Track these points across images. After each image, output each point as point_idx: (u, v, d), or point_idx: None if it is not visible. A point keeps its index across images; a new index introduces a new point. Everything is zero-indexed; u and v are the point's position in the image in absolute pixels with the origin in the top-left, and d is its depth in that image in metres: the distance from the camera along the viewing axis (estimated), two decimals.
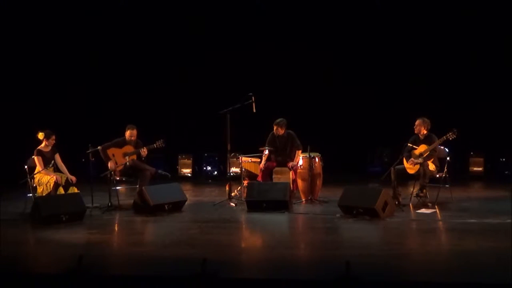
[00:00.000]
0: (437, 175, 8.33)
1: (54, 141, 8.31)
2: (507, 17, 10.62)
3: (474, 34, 11.01)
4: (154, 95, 11.77)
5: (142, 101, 11.66)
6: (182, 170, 11.87)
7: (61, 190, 8.07)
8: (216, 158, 11.91)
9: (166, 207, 8.03)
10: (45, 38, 11.44)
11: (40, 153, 8.19)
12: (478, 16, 10.89)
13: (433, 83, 11.29)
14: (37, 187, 8.10)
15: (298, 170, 8.71)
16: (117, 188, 8.76)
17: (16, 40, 11.27)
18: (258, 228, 7.44)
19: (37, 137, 8.28)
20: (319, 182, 8.74)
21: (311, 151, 8.59)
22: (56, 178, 8.02)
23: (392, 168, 8.25)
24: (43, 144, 8.27)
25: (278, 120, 8.87)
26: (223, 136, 8.72)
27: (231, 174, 9.44)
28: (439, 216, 7.64)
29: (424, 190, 8.13)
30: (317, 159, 8.71)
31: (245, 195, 8.49)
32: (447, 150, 8.51)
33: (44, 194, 7.96)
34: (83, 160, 8.79)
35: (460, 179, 10.10)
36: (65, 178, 8.14)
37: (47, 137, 8.25)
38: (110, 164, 8.45)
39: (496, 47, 10.96)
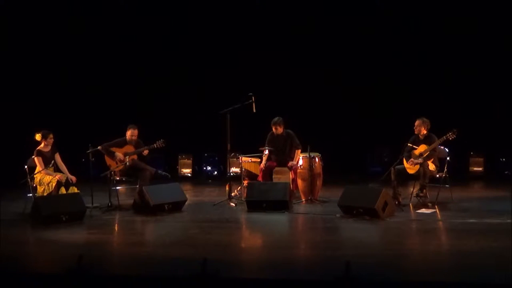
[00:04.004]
0: (437, 175, 8.33)
1: (52, 140, 8.30)
2: (507, 16, 10.61)
3: (474, 33, 10.99)
4: (154, 95, 11.77)
5: (142, 101, 11.66)
6: (182, 170, 11.86)
7: (63, 190, 8.07)
8: (216, 158, 11.91)
9: (166, 207, 8.03)
10: (45, 37, 11.43)
11: (40, 154, 8.19)
12: (477, 15, 10.88)
13: (433, 83, 11.28)
14: (38, 187, 8.10)
15: (298, 170, 8.71)
16: (117, 188, 8.76)
17: (16, 40, 11.27)
18: (258, 228, 7.44)
19: (35, 138, 8.26)
20: (319, 182, 8.74)
21: (311, 151, 8.59)
22: (59, 177, 8.01)
23: (392, 168, 8.25)
24: (42, 145, 8.26)
25: (275, 120, 8.86)
26: (223, 136, 8.72)
27: (231, 174, 9.43)
28: (439, 216, 7.64)
29: (424, 190, 8.13)
30: (317, 159, 8.71)
31: (245, 195, 8.49)
32: (447, 150, 8.51)
33: (45, 194, 7.95)
34: (83, 160, 8.80)
35: (460, 179, 10.10)
36: (65, 178, 8.14)
37: (44, 137, 8.24)
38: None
39: (496, 47, 10.95)
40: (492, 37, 10.94)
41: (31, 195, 8.13)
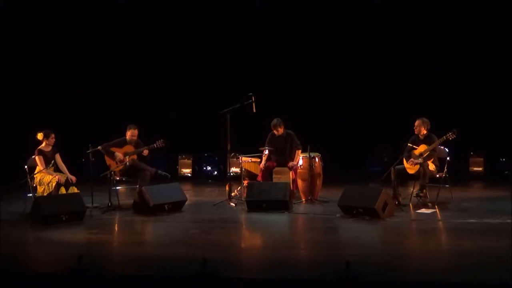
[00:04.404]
0: (437, 175, 8.33)
1: (54, 140, 8.31)
2: (506, 16, 10.61)
3: (473, 33, 11.00)
4: (154, 95, 11.77)
5: (142, 101, 11.66)
6: (182, 170, 11.87)
7: (63, 190, 8.08)
8: (216, 158, 11.92)
9: (166, 207, 8.03)
10: (45, 38, 11.44)
11: (41, 153, 8.19)
12: (477, 15, 10.88)
13: (433, 83, 11.28)
14: (38, 187, 8.10)
15: (298, 170, 8.71)
16: (117, 188, 8.76)
17: (16, 40, 11.27)
18: (258, 228, 7.44)
19: (37, 138, 8.27)
20: (319, 182, 8.74)
21: (311, 151, 8.59)
22: (59, 178, 8.02)
23: (392, 168, 8.25)
24: (43, 144, 8.27)
25: (274, 122, 8.84)
26: (223, 136, 8.72)
27: (231, 174, 9.44)
28: (439, 216, 7.64)
29: (424, 190, 8.13)
30: (317, 159, 8.71)
31: (245, 195, 8.49)
32: (447, 150, 8.51)
33: (45, 194, 7.95)
34: (83, 160, 8.81)
35: (460, 179, 10.10)
36: (65, 178, 8.14)
37: (46, 136, 8.25)
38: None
39: (496, 47, 10.96)
40: (492, 37, 10.94)
41: (31, 195, 8.13)
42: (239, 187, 8.95)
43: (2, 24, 10.98)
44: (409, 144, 8.30)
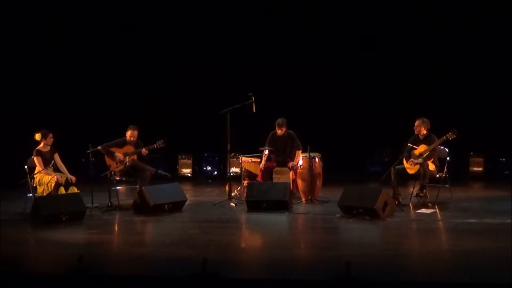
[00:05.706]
0: (437, 175, 8.33)
1: (52, 139, 8.30)
2: (506, 17, 10.61)
3: (473, 34, 11.00)
4: (154, 95, 11.77)
5: (142, 101, 11.65)
6: (182, 170, 11.86)
7: (62, 190, 8.08)
8: (216, 158, 11.91)
9: (166, 207, 8.03)
10: (45, 37, 11.43)
11: (40, 153, 8.19)
12: (477, 16, 10.88)
13: (433, 83, 11.28)
14: (38, 187, 8.10)
15: (298, 170, 8.71)
16: (117, 188, 8.76)
17: (16, 40, 11.27)
18: (258, 228, 7.44)
19: (35, 138, 8.26)
20: (319, 182, 8.74)
21: (311, 151, 8.59)
22: (57, 178, 8.02)
23: (392, 168, 8.25)
24: (41, 144, 8.26)
25: (279, 122, 8.81)
26: (223, 136, 8.72)
27: (231, 174, 9.44)
28: (439, 216, 7.64)
29: (424, 190, 8.13)
30: (317, 159, 8.71)
31: (245, 195, 8.49)
32: (447, 150, 8.51)
33: (45, 194, 7.95)
34: (83, 160, 8.82)
35: (460, 179, 10.10)
36: (64, 178, 8.14)
37: (44, 136, 8.24)
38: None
39: (496, 47, 10.95)
40: (492, 37, 10.94)
41: (31, 195, 8.13)
42: (239, 187, 8.94)
43: (2, 23, 10.97)
44: (409, 144, 8.30)
